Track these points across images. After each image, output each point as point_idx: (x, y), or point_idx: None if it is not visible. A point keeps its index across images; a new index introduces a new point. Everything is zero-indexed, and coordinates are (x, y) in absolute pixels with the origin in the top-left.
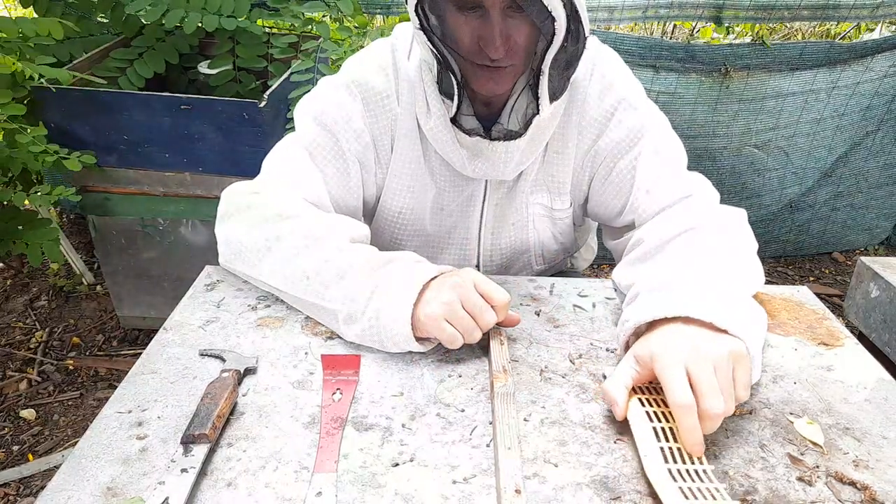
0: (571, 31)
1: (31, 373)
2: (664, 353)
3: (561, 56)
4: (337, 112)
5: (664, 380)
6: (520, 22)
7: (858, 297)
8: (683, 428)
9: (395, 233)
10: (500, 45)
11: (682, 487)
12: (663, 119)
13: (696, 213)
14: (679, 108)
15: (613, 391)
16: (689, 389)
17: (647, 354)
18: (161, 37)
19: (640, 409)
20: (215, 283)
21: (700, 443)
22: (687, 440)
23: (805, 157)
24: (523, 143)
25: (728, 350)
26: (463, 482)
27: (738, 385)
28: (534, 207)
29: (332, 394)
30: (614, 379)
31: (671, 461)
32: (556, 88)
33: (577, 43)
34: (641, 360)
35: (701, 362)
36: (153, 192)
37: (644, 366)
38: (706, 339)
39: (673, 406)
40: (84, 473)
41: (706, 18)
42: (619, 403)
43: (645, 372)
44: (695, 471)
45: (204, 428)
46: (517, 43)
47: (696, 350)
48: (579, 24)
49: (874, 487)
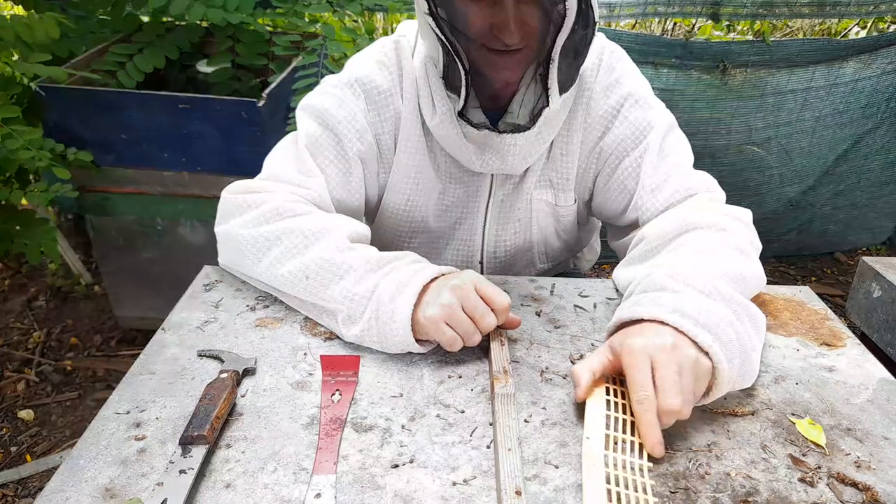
0: (582, 14)
1: (30, 373)
2: (633, 347)
3: (570, 42)
4: (339, 111)
5: (628, 371)
6: (531, 6)
7: (860, 297)
8: (642, 422)
9: (398, 229)
10: (515, 30)
11: (610, 474)
12: (670, 116)
13: (699, 212)
14: (678, 105)
15: (579, 372)
16: (651, 384)
17: (619, 345)
18: (161, 33)
19: (603, 397)
20: (214, 283)
21: (660, 442)
22: (647, 437)
23: (805, 155)
24: (532, 137)
25: (694, 359)
26: (463, 483)
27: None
28: (538, 203)
29: (331, 395)
30: (584, 362)
31: (610, 450)
32: (565, 79)
33: (586, 28)
34: (613, 350)
35: (666, 361)
36: (152, 191)
37: (616, 356)
38: (678, 343)
39: (633, 400)
40: (82, 475)
41: (704, 15)
42: (580, 384)
43: (616, 361)
44: (631, 463)
45: (202, 429)
46: (530, 26)
47: (665, 350)
48: (590, 7)
49: (876, 488)
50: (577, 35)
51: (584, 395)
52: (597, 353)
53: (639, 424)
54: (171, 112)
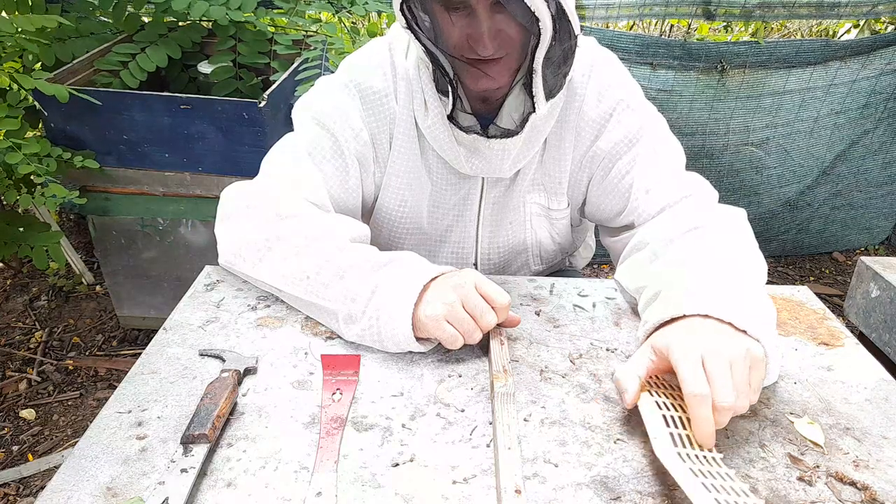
0: (559, 31)
1: (31, 373)
2: (681, 344)
3: (552, 54)
4: (335, 111)
5: (679, 369)
6: (506, 17)
7: (859, 297)
8: (696, 417)
9: (392, 231)
10: (489, 42)
11: (693, 469)
12: (661, 120)
13: (699, 212)
14: (676, 105)
15: (625, 379)
16: (705, 379)
17: (664, 345)
18: (164, 32)
19: (651, 399)
20: (215, 283)
21: (711, 434)
22: (699, 430)
23: (804, 156)
24: (520, 141)
25: (746, 349)
26: (463, 482)
27: (751, 386)
28: (531, 207)
29: (331, 394)
30: (628, 367)
31: (680, 446)
32: (551, 86)
33: (566, 42)
34: (658, 350)
35: (717, 356)
36: (153, 192)
37: (660, 356)
38: (725, 336)
39: (687, 395)
40: (84, 473)
41: (699, 16)
42: (628, 391)
43: (661, 362)
44: (703, 456)
45: (204, 428)
46: (507, 35)
47: (714, 344)
48: (568, 22)
49: (874, 487)
50: (556, 48)
51: (634, 400)
52: (638, 356)
53: (693, 419)
54: (173, 113)
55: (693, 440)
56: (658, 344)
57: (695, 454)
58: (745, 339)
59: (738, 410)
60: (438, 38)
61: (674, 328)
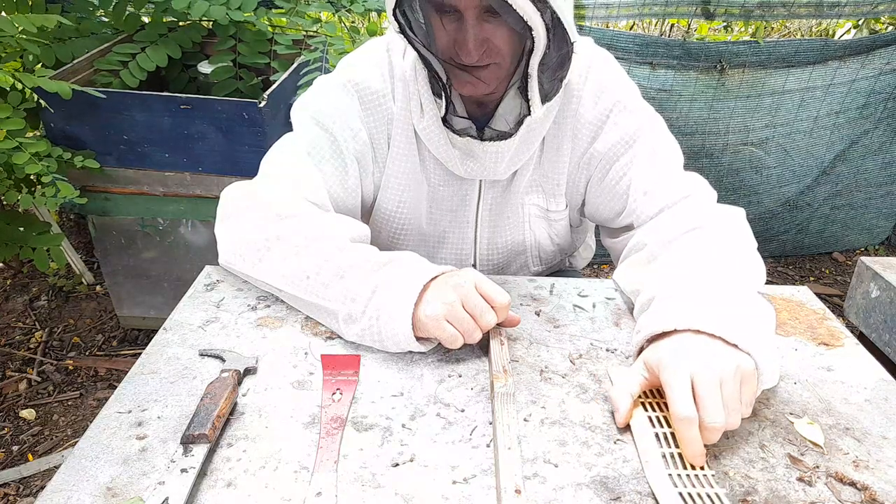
0: (553, 38)
1: (31, 373)
2: (671, 363)
3: (547, 60)
4: (334, 111)
5: (668, 390)
6: (497, 25)
7: (859, 297)
8: (684, 440)
9: (391, 231)
10: (473, 50)
11: (682, 493)
12: (659, 120)
13: (698, 212)
14: (676, 105)
15: (618, 399)
16: (692, 402)
17: (655, 362)
18: (164, 32)
19: (644, 414)
20: (215, 283)
21: (701, 454)
22: (687, 451)
23: (803, 155)
24: (514, 144)
25: (736, 365)
26: (463, 482)
27: (742, 402)
28: (529, 208)
29: (331, 394)
30: (621, 385)
31: (671, 466)
32: (547, 90)
33: (561, 49)
34: (650, 367)
35: (707, 375)
36: (153, 192)
37: (652, 373)
38: (715, 352)
39: (674, 418)
40: (84, 473)
41: (699, 16)
42: (621, 411)
43: (653, 378)
44: (696, 476)
45: (204, 428)
46: (495, 45)
47: (704, 362)
48: (563, 30)
49: (874, 488)
50: (551, 55)
51: (626, 420)
52: (631, 372)
53: (681, 441)
54: (173, 113)
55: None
56: (650, 361)
57: (686, 474)
58: (735, 354)
59: (728, 427)
60: (430, 42)
61: (665, 343)
